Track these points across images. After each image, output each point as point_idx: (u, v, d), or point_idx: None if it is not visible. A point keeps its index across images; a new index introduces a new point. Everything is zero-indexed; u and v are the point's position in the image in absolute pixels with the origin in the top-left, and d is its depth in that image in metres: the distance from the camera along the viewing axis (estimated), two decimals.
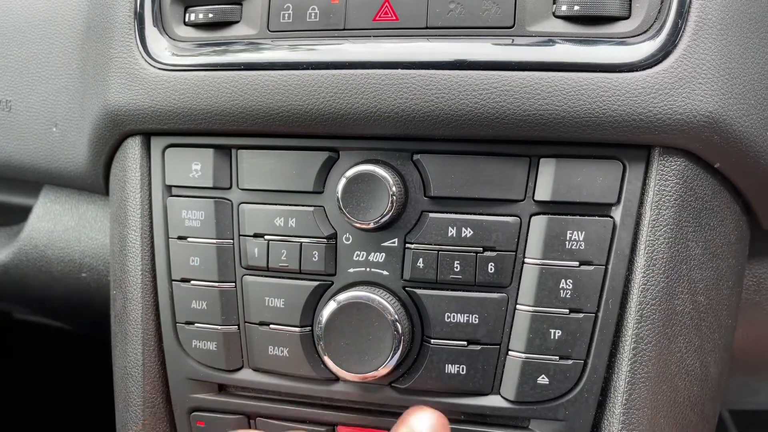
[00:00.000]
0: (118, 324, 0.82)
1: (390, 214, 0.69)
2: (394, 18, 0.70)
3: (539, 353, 0.68)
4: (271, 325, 0.75)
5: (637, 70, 0.63)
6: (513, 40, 0.67)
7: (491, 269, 0.69)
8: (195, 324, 0.78)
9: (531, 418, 0.71)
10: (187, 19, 0.77)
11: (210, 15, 0.75)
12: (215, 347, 0.77)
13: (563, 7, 0.66)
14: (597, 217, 0.67)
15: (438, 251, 0.70)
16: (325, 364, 0.72)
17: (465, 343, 0.70)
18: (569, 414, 0.69)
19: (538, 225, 0.68)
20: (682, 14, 0.63)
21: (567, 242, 0.67)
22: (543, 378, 0.68)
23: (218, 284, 0.76)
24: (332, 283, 0.73)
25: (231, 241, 0.76)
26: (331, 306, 0.70)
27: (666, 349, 0.67)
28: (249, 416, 0.79)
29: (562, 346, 0.68)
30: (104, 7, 0.81)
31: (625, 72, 0.64)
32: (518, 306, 0.69)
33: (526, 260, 0.68)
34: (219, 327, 0.77)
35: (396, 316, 0.69)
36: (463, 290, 0.70)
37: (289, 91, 0.70)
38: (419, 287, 0.71)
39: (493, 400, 0.71)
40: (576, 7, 0.65)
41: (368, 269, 0.72)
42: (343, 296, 0.70)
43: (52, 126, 0.88)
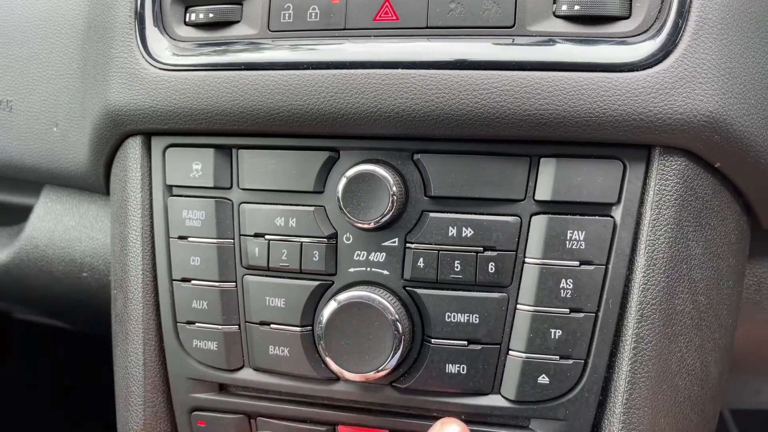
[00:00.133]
0: (119, 324, 0.82)
1: (390, 213, 0.69)
2: (395, 18, 0.70)
3: (540, 353, 0.68)
4: (272, 325, 0.75)
5: (637, 70, 0.63)
6: (513, 39, 0.67)
7: (491, 269, 0.69)
8: (196, 324, 0.78)
9: (531, 418, 0.71)
10: (187, 19, 0.77)
11: (210, 15, 0.75)
12: (216, 347, 0.77)
13: (563, 7, 0.66)
14: (597, 217, 0.67)
15: (438, 251, 0.70)
16: (325, 364, 0.72)
17: (465, 342, 0.70)
18: (570, 414, 0.69)
19: (539, 225, 0.68)
20: (682, 14, 0.63)
21: (567, 242, 0.67)
22: (543, 378, 0.69)
23: (219, 284, 0.76)
24: (333, 282, 0.74)
25: (231, 240, 0.76)
26: (332, 306, 0.70)
27: (666, 349, 0.67)
28: (249, 416, 0.79)
29: (562, 346, 0.68)
30: (105, 7, 0.81)
31: (625, 72, 0.63)
32: (518, 306, 0.69)
33: (526, 260, 0.68)
34: (220, 327, 0.77)
35: (396, 316, 0.69)
36: (464, 290, 0.70)
37: (289, 90, 0.70)
38: (420, 287, 0.71)
39: (493, 400, 0.71)
40: (576, 7, 0.65)
41: (369, 269, 0.72)
42: (343, 296, 0.70)
43: (52, 126, 0.88)
